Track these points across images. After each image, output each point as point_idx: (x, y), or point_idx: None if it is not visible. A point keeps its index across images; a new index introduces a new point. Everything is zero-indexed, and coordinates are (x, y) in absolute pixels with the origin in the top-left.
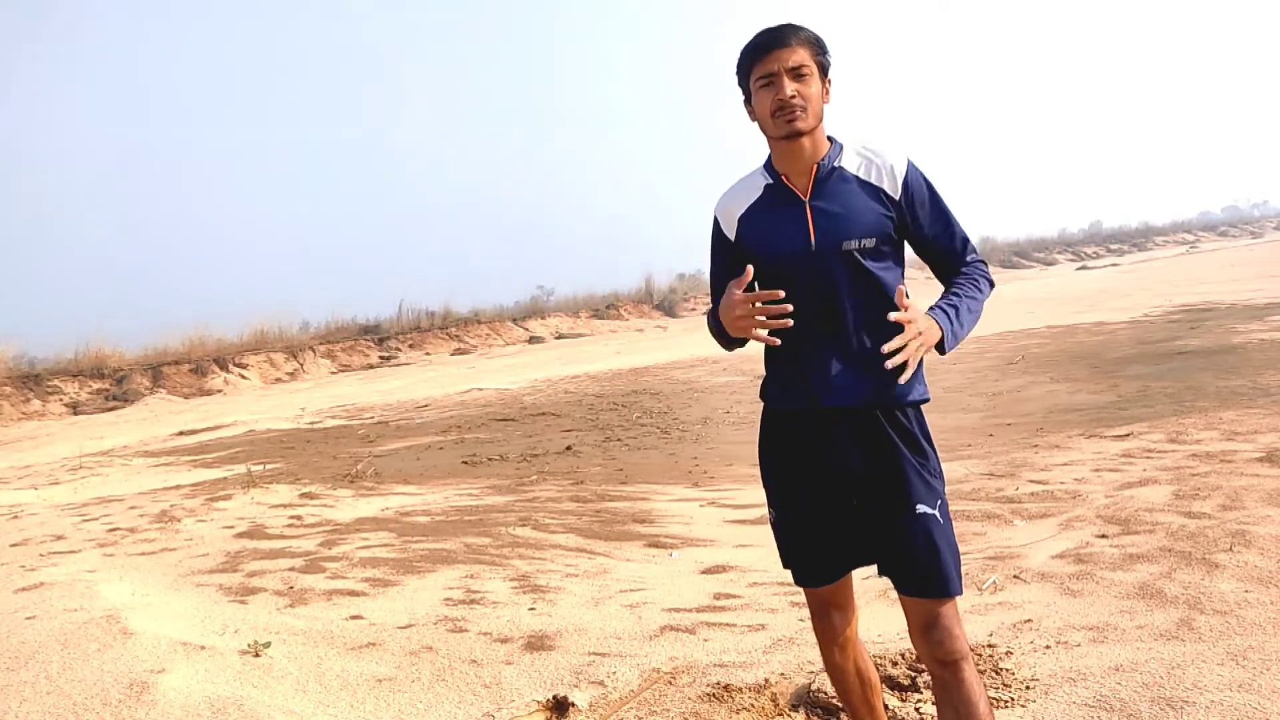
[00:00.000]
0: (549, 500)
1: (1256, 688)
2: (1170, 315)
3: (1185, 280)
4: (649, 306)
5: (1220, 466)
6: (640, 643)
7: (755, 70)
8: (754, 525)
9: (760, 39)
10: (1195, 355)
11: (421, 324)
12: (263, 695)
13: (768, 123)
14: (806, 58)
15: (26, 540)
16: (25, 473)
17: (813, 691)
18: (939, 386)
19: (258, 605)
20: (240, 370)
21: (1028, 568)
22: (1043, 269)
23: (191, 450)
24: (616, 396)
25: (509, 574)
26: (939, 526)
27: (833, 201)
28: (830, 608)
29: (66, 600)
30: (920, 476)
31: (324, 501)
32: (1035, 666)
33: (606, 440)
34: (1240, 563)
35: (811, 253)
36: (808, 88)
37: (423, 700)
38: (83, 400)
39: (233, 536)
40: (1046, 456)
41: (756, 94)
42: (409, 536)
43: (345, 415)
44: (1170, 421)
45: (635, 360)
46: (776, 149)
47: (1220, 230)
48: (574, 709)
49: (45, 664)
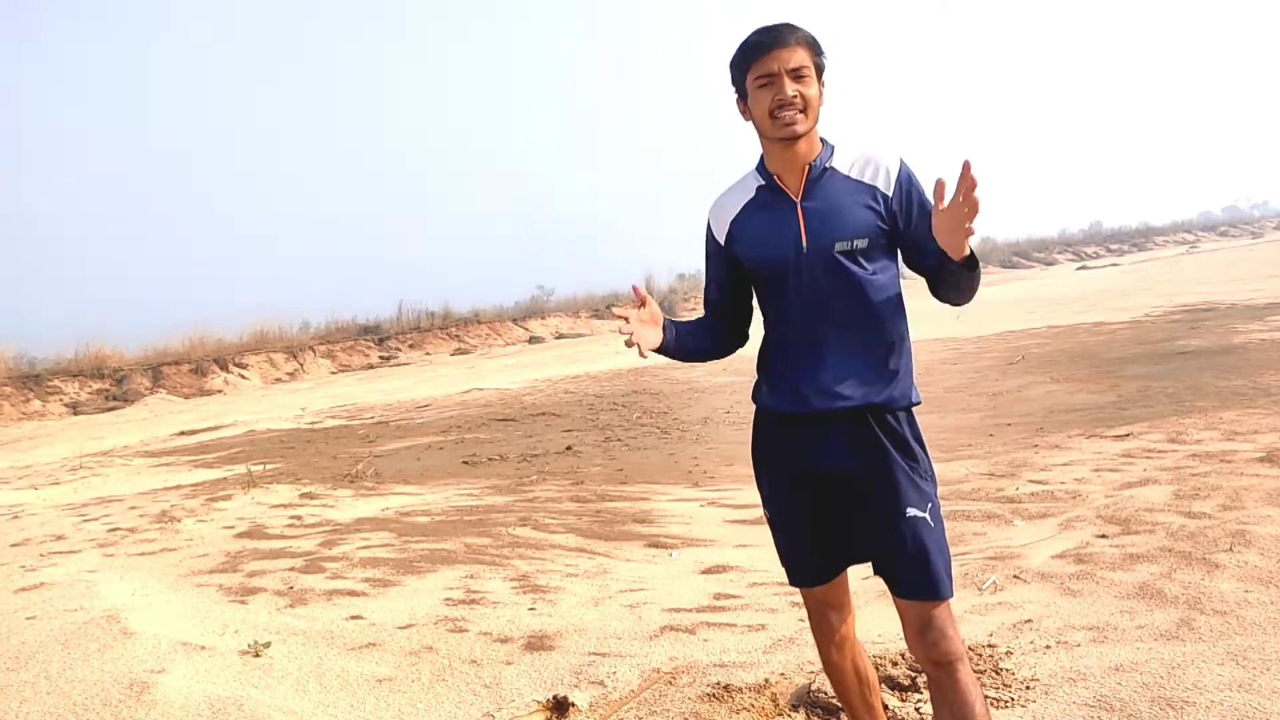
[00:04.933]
0: (549, 500)
1: (1256, 688)
2: (1170, 315)
3: (1185, 280)
4: None
5: (1220, 466)
6: (640, 643)
7: (754, 69)
8: (754, 525)
9: (760, 37)
10: (1195, 355)
11: (421, 324)
12: (263, 695)
13: (765, 123)
14: (806, 59)
15: (27, 540)
16: (25, 473)
17: (813, 691)
18: (939, 387)
19: (258, 605)
20: (240, 370)
21: (1028, 568)
22: (1043, 269)
23: (191, 450)
24: (616, 396)
25: (509, 574)
26: (929, 530)
27: (824, 202)
28: (826, 608)
29: (67, 600)
30: (910, 480)
31: (324, 501)
32: (1035, 666)
33: (606, 440)
34: (1240, 563)
35: (803, 254)
36: (806, 88)
37: (423, 700)
38: (83, 400)
39: (233, 537)
40: (1046, 456)
41: (754, 93)
42: (409, 536)
43: (345, 415)
44: (1170, 421)
45: (635, 360)
46: (770, 150)
47: (1220, 230)
48: (574, 709)
49: (45, 664)
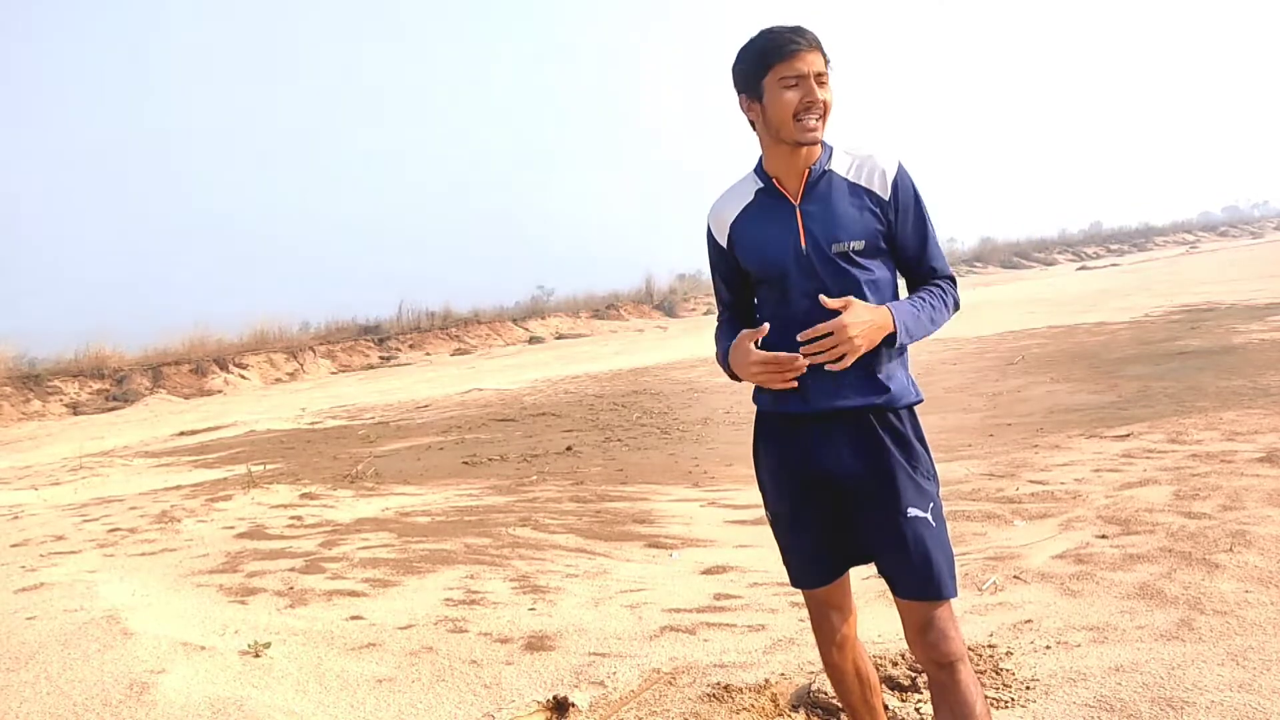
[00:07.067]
0: (549, 500)
1: (1257, 688)
2: (1170, 315)
3: (1185, 280)
4: (649, 307)
5: (1220, 467)
6: (640, 643)
7: (779, 69)
8: (754, 525)
9: (787, 37)
10: (1195, 355)
11: (421, 324)
12: (263, 695)
13: (787, 125)
14: (823, 64)
15: (27, 540)
16: (25, 473)
17: (813, 692)
18: (939, 387)
19: (258, 605)
20: (240, 370)
21: (1028, 568)
22: (1043, 269)
23: (192, 450)
24: (616, 396)
25: (509, 574)
26: (930, 529)
27: (823, 205)
28: (828, 608)
29: (67, 600)
30: (911, 479)
31: (324, 502)
32: (1035, 667)
33: (606, 440)
34: (1240, 563)
35: (802, 256)
36: (828, 95)
37: (423, 700)
38: (83, 400)
39: (233, 537)
40: (1046, 456)
41: (777, 93)
42: (409, 537)
43: (345, 415)
44: (1170, 422)
45: (635, 360)
46: (774, 152)
47: (1220, 230)
48: (574, 709)
49: (45, 664)
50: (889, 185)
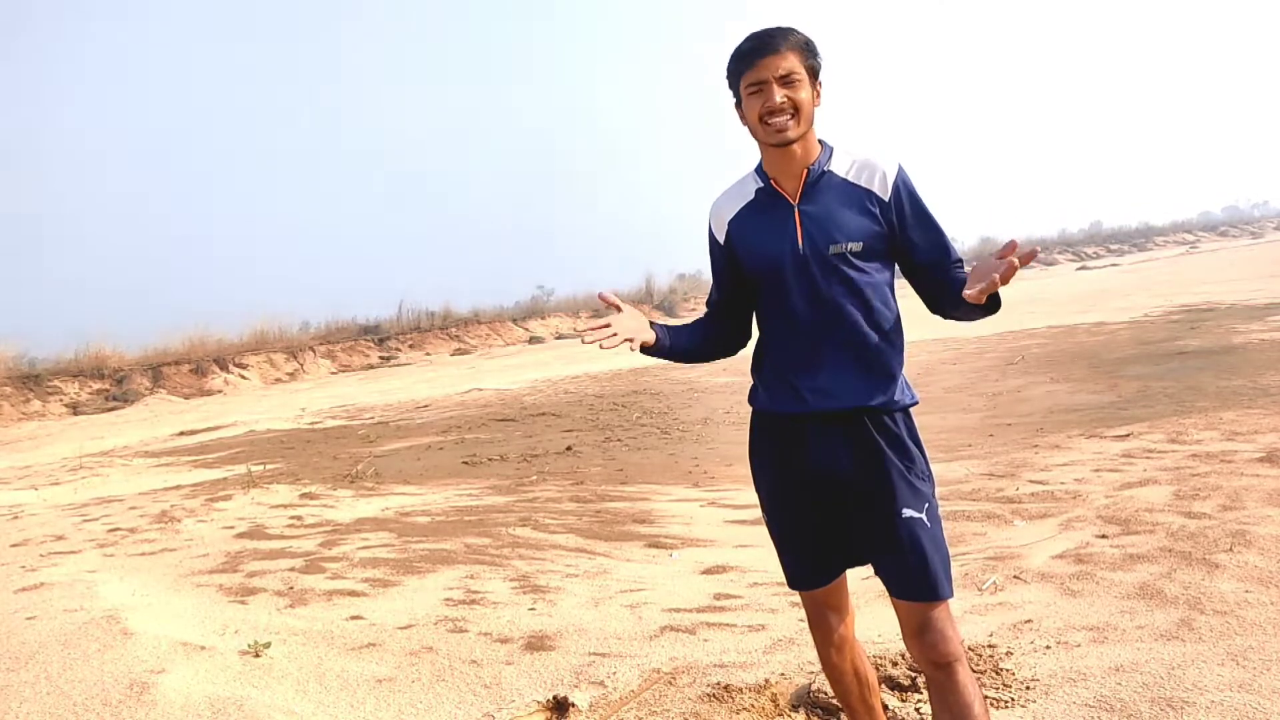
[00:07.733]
0: (549, 500)
1: (1256, 688)
2: (1170, 315)
3: (1185, 280)
4: (649, 306)
5: (1220, 467)
6: (640, 643)
7: (745, 77)
8: (754, 525)
9: (749, 44)
10: (1195, 355)
11: (421, 324)
12: (263, 695)
13: (758, 129)
14: (796, 63)
15: (27, 540)
16: (25, 473)
17: (813, 692)
18: (939, 387)
19: (258, 605)
20: (240, 370)
21: (1028, 568)
22: (1043, 269)
23: (192, 450)
24: (616, 396)
25: (509, 574)
26: (926, 530)
27: (821, 205)
28: (826, 609)
29: (67, 600)
30: (906, 481)
31: (324, 502)
32: (1035, 667)
33: (606, 440)
34: (1240, 563)
35: (799, 256)
36: (797, 94)
37: (423, 700)
38: (83, 400)
39: (233, 537)
40: (1046, 456)
41: (746, 100)
42: (409, 537)
43: (345, 415)
44: (1170, 422)
45: (635, 360)
46: (767, 154)
47: (1220, 230)
48: (574, 709)
49: (45, 664)
50: (889, 187)
